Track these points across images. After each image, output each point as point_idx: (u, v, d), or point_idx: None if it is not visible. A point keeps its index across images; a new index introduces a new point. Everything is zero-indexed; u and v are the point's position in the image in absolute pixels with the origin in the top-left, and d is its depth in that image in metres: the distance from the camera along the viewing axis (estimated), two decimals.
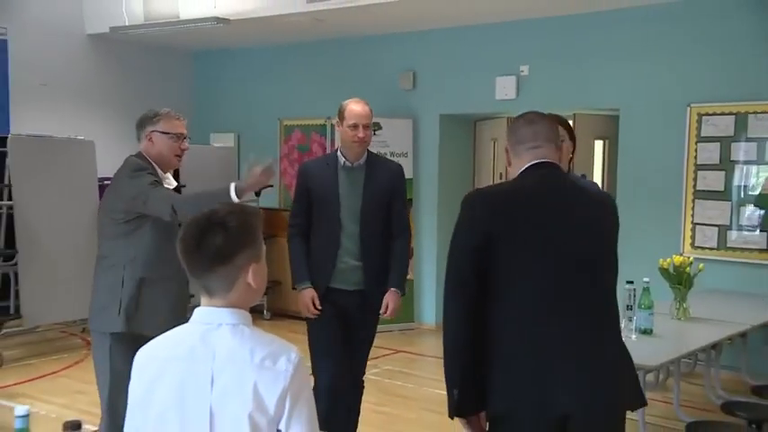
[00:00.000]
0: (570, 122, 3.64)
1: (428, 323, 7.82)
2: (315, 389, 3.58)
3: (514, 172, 2.41)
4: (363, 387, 3.95)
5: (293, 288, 3.85)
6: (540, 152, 2.35)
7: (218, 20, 7.28)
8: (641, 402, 2.38)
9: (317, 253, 3.76)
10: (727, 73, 6.21)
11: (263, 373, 1.60)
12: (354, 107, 3.75)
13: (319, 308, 3.70)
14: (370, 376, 3.77)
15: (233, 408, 1.60)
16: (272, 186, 8.48)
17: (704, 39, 6.29)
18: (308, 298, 3.71)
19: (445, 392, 2.31)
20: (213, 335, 1.65)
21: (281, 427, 1.61)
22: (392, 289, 3.78)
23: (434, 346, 6.93)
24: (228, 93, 9.21)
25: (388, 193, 3.80)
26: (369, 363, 4.00)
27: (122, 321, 3.22)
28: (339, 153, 3.80)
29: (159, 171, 3.39)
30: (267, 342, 1.66)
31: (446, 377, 2.26)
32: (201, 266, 1.67)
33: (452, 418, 2.27)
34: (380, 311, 3.78)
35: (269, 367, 1.61)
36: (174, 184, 3.53)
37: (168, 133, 3.36)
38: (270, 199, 8.51)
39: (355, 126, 3.69)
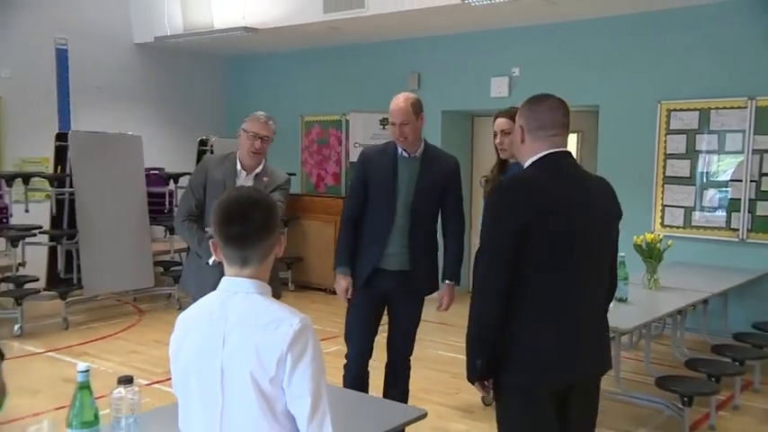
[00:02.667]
0: None
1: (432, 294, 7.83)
2: (347, 358, 3.54)
3: (527, 153, 2.21)
4: (410, 366, 3.61)
5: (334, 268, 3.49)
6: (558, 140, 2.20)
7: (246, 29, 7.28)
8: (610, 366, 2.33)
9: (369, 235, 3.42)
10: (692, 74, 6.17)
11: (265, 336, 1.55)
12: (395, 104, 3.34)
13: (349, 297, 3.45)
14: (380, 339, 3.59)
15: (239, 365, 1.56)
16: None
17: (672, 45, 6.25)
18: (343, 286, 3.42)
19: (448, 353, 2.29)
20: (229, 301, 1.63)
21: (284, 385, 1.55)
22: (447, 282, 3.51)
23: (437, 313, 6.93)
24: (256, 92, 9.19)
25: (440, 184, 3.43)
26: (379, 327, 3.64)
27: None
28: (397, 143, 3.43)
29: (239, 164, 3.44)
30: (273, 310, 1.61)
31: (472, 349, 2.13)
32: (250, 238, 1.62)
33: (472, 383, 2.19)
34: (437, 307, 3.55)
35: (271, 331, 1.55)
36: (258, 170, 3.48)
37: (247, 132, 3.42)
38: (292, 185, 8.51)
39: (393, 124, 3.35)
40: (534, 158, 2.19)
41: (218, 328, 1.60)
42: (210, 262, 3.24)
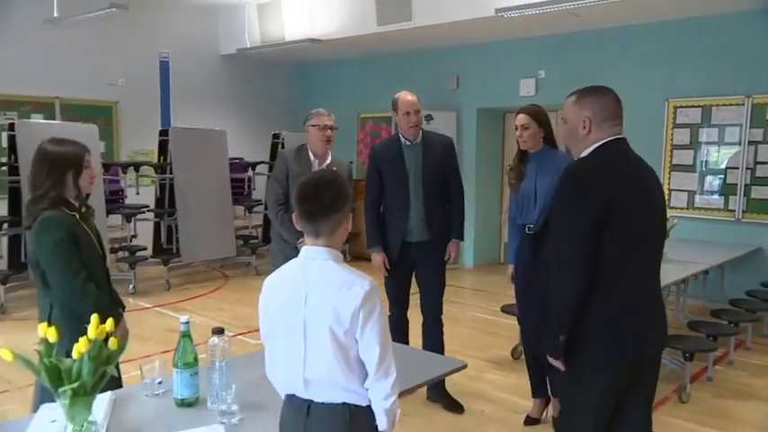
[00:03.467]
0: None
1: (468, 265, 7.79)
2: (389, 308, 3.59)
3: (590, 143, 1.99)
4: (442, 324, 3.58)
5: (368, 248, 3.54)
6: (618, 129, 2.01)
7: (312, 40, 7.28)
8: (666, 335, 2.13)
9: (393, 215, 3.43)
10: (696, 75, 5.95)
11: (340, 296, 1.54)
12: (406, 98, 3.40)
13: (388, 267, 3.45)
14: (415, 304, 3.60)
15: (319, 320, 1.56)
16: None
17: (679, 50, 6.03)
18: (379, 260, 3.46)
19: (482, 315, 2.22)
20: (310, 266, 1.61)
21: (357, 337, 1.55)
22: (453, 240, 3.50)
23: (472, 281, 6.93)
24: (320, 93, 9.20)
25: (442, 162, 3.43)
26: (410, 288, 3.60)
27: None
28: (400, 135, 3.45)
29: (311, 155, 3.44)
30: (347, 273, 1.59)
31: (556, 327, 1.93)
32: (318, 214, 1.60)
33: (556, 358, 1.98)
34: (445, 258, 3.49)
35: (345, 292, 1.54)
36: (329, 161, 3.46)
37: (316, 125, 3.41)
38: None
39: (408, 113, 3.37)
40: (595, 146, 1.97)
41: (301, 289, 1.60)
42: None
